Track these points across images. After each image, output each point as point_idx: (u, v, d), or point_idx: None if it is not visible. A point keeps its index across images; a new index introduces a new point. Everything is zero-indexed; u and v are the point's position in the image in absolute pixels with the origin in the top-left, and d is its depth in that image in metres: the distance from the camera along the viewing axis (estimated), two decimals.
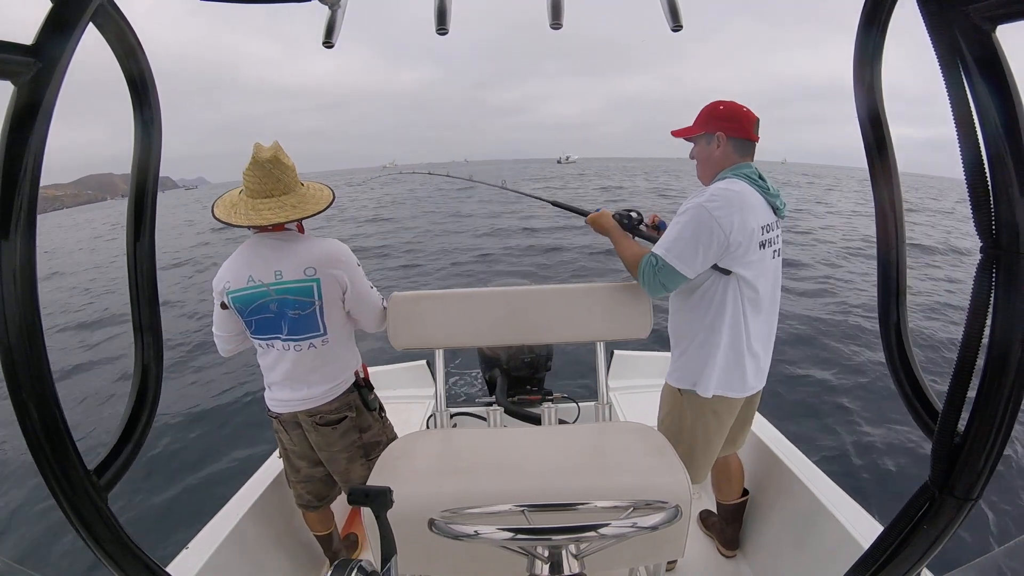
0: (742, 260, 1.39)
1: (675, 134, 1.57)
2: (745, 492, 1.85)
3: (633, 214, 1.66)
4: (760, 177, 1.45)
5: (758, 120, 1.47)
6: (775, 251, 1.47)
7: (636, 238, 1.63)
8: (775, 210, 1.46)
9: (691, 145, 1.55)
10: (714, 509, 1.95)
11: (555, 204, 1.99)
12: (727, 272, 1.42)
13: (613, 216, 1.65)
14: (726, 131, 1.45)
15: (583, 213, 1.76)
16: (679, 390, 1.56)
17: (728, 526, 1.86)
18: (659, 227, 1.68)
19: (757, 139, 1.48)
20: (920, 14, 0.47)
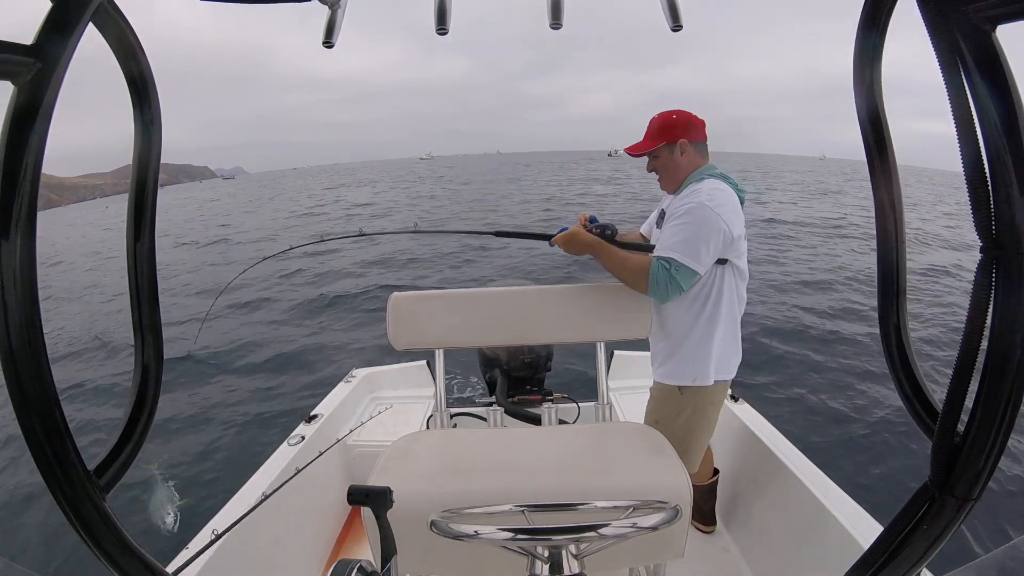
0: (738, 250, 1.48)
1: (632, 151, 1.58)
2: (715, 471, 1.93)
3: (607, 231, 1.63)
4: (723, 174, 1.55)
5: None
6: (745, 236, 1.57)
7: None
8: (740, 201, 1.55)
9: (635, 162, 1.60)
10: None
11: (499, 235, 1.82)
12: (724, 262, 1.48)
13: (590, 232, 1.61)
14: (688, 137, 1.52)
15: (544, 237, 1.68)
16: (679, 388, 1.58)
17: (704, 504, 1.94)
18: (601, 225, 1.64)
19: (707, 138, 1.57)
20: (920, 14, 0.47)
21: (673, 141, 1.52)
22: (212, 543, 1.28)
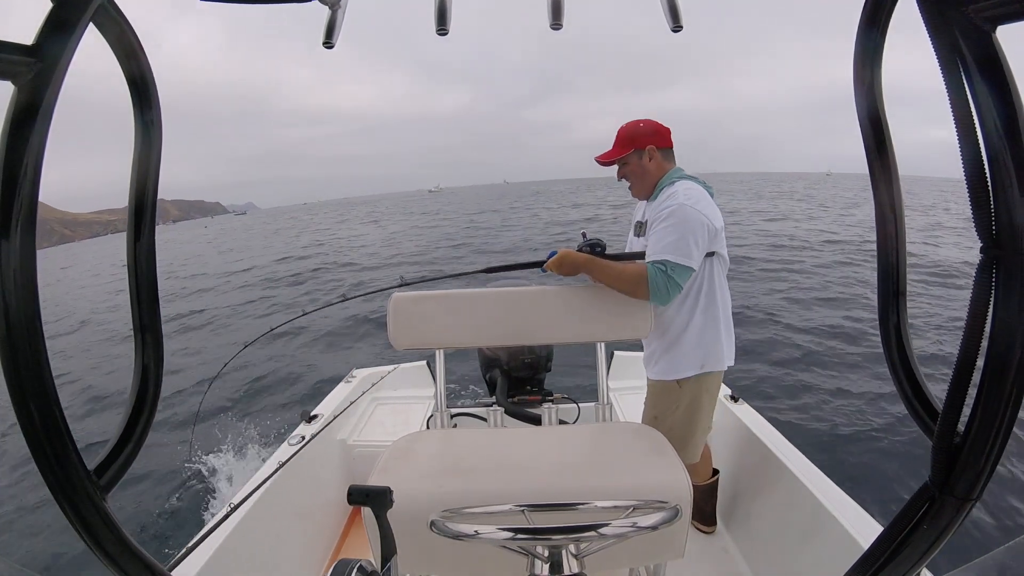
0: (721, 241, 1.55)
1: (602, 159, 1.63)
2: (715, 471, 1.94)
3: (598, 248, 1.65)
4: (689, 175, 1.61)
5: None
6: None
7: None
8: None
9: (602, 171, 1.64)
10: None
11: (490, 271, 1.86)
12: (711, 254, 1.55)
13: (580, 250, 1.63)
14: (656, 143, 1.58)
15: (535, 264, 1.71)
16: (676, 382, 1.62)
17: (705, 504, 1.94)
18: (591, 242, 1.66)
19: (673, 145, 1.64)
20: (920, 14, 0.47)
21: (642, 148, 1.58)
22: (207, 534, 1.29)
